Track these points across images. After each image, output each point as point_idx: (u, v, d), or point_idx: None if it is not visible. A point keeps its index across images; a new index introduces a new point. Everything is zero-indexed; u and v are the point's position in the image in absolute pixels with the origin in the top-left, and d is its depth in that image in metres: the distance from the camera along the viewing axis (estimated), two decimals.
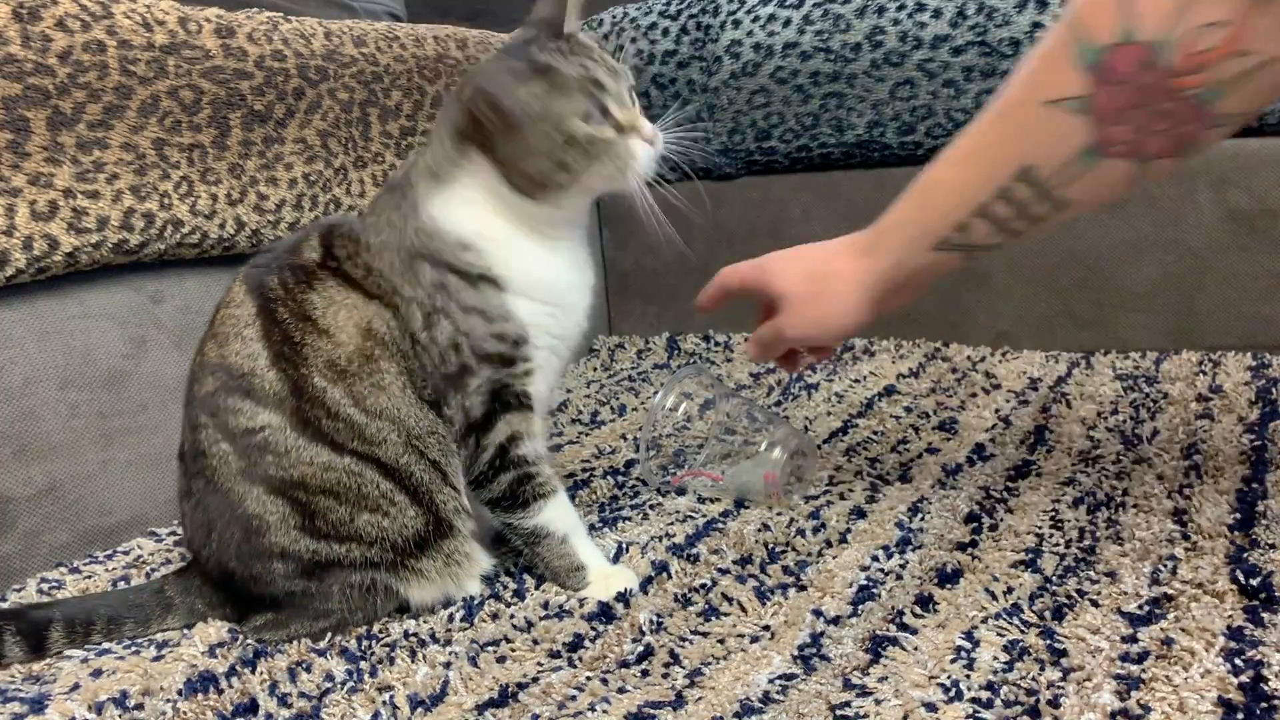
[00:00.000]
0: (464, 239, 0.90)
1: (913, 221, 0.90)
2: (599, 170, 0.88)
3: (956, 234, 0.88)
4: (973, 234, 0.87)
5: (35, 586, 1.03)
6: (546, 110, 0.86)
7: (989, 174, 0.84)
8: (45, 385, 1.09)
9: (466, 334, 0.90)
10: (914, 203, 0.91)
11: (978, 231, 0.87)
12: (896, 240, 0.92)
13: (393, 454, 0.89)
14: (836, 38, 1.64)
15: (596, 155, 0.88)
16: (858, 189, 1.71)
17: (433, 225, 0.91)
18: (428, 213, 0.91)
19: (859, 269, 0.93)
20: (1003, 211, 0.84)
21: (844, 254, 0.95)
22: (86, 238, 1.09)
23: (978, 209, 0.85)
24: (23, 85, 1.04)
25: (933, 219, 0.89)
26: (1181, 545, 0.89)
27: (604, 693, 0.75)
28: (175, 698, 0.78)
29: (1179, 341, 1.52)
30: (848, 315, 0.95)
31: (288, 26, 1.35)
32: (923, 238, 0.90)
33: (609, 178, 0.89)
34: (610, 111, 0.88)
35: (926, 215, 0.89)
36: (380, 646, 0.85)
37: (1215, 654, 0.71)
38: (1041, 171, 0.81)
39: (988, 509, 1.01)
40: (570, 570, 0.94)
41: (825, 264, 0.96)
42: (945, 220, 0.88)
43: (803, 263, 0.98)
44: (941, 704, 0.69)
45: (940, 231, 0.88)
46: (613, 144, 0.88)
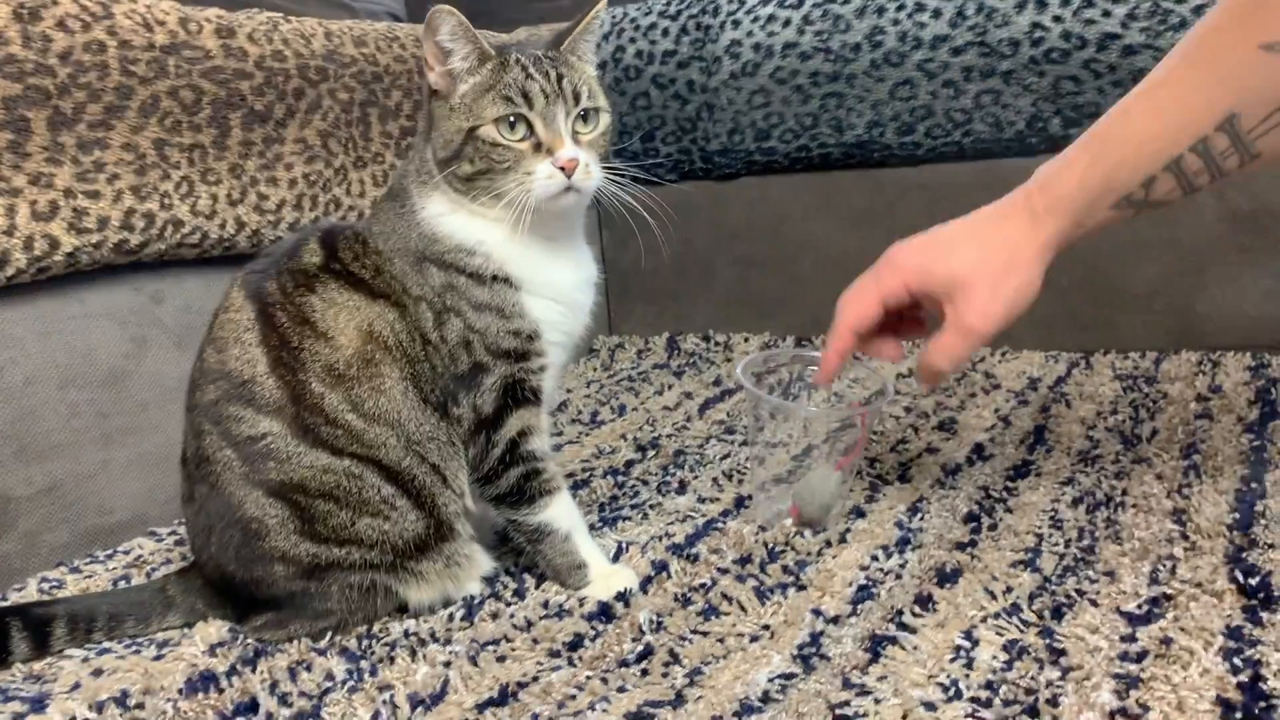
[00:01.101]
0: (466, 245, 0.91)
1: (1096, 177, 0.83)
2: (504, 182, 0.88)
3: (1141, 190, 0.81)
4: (1156, 189, 0.81)
5: (36, 586, 1.03)
6: (467, 100, 0.89)
7: (1190, 123, 0.77)
8: (46, 385, 1.09)
9: (481, 332, 0.91)
10: (1094, 158, 0.83)
11: (1162, 187, 0.81)
12: (1078, 199, 0.84)
13: (394, 457, 0.89)
14: (836, 38, 1.64)
15: (499, 164, 0.88)
16: (857, 189, 1.71)
17: (432, 231, 0.92)
18: (425, 218, 0.92)
19: (1038, 233, 0.86)
20: (1193, 165, 0.79)
21: (1014, 220, 0.87)
22: (87, 238, 1.09)
23: (1171, 161, 0.79)
24: (23, 85, 1.04)
25: (1120, 174, 0.82)
26: (1180, 545, 0.89)
27: (604, 692, 0.75)
28: (176, 697, 0.78)
29: (1179, 342, 1.52)
30: (1035, 284, 0.87)
31: (288, 27, 1.35)
32: (1106, 194, 0.83)
33: (514, 195, 0.88)
34: (534, 128, 0.88)
35: (1112, 170, 0.82)
36: (380, 646, 0.86)
37: (1214, 653, 0.71)
38: (1244, 121, 0.75)
39: (987, 509, 1.01)
40: (572, 568, 0.94)
41: (1001, 236, 0.87)
42: (1135, 175, 0.81)
43: (971, 242, 0.89)
44: (941, 703, 0.69)
45: (1127, 187, 0.82)
46: (519, 158, 0.88)
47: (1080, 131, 0.86)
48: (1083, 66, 1.47)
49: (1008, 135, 1.56)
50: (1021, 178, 0.89)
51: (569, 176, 0.88)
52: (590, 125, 0.92)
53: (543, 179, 0.87)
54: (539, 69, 0.89)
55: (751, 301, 1.84)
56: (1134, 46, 1.43)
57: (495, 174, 0.88)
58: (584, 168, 0.88)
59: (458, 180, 0.90)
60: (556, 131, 0.88)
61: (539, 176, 0.87)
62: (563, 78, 0.89)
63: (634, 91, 1.84)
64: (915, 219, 1.67)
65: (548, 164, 0.88)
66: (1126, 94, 0.83)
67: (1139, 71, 1.43)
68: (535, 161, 0.88)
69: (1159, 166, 0.80)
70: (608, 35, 1.87)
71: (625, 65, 1.84)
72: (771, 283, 1.81)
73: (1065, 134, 1.52)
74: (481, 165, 0.88)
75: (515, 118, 0.88)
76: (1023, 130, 1.55)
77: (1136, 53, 1.43)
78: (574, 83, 0.90)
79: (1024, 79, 1.52)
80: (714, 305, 1.89)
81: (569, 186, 0.88)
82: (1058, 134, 1.53)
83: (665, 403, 1.54)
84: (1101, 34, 1.45)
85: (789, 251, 1.77)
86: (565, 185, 0.88)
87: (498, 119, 0.87)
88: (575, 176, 0.88)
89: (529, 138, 0.88)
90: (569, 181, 0.88)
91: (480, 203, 0.90)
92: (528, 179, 0.88)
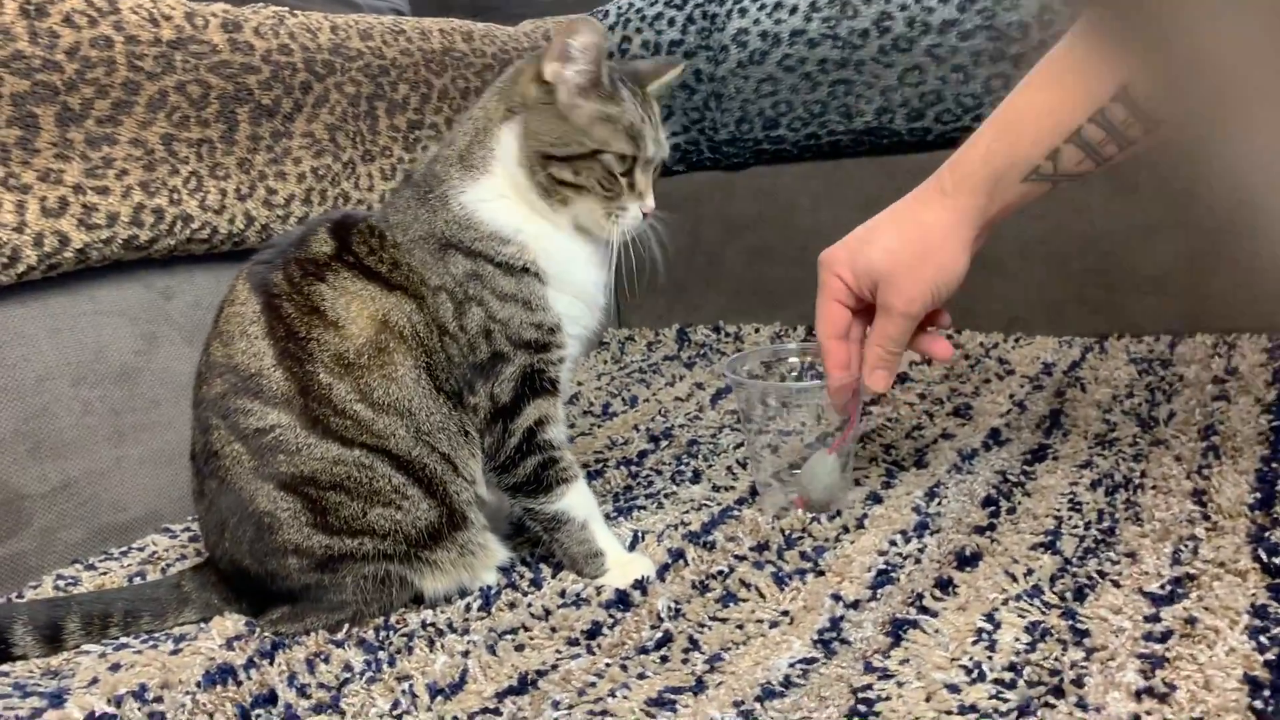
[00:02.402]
0: (502, 233, 0.92)
1: (1000, 154, 0.85)
2: (595, 207, 0.93)
3: (1047, 162, 0.83)
4: (1064, 162, 0.83)
5: (51, 584, 1.03)
6: (583, 118, 0.91)
7: (1086, 95, 0.80)
8: (58, 382, 1.09)
9: (504, 322, 0.91)
10: (998, 133, 0.86)
11: (1069, 159, 0.83)
12: (982, 175, 0.86)
13: (404, 447, 0.89)
14: (844, 24, 1.63)
15: (603, 192, 0.92)
16: (867, 176, 1.70)
17: (466, 217, 0.92)
18: (460, 204, 0.93)
19: (950, 212, 0.88)
20: (1095, 135, 0.81)
21: (928, 203, 0.90)
22: (97, 234, 1.09)
23: (1072, 133, 0.81)
24: (31, 82, 1.04)
25: (1022, 148, 0.84)
26: (1202, 525, 0.88)
27: (624, 679, 0.75)
28: (194, 690, 0.77)
29: (1193, 324, 1.51)
30: (956, 262, 0.89)
31: (294, 21, 1.35)
32: (1012, 169, 0.85)
33: (597, 219, 0.94)
34: (634, 170, 0.93)
35: (1015, 145, 0.84)
36: (398, 637, 0.85)
37: (1240, 632, 0.70)
38: (1137, 91, 0.77)
39: (1005, 493, 1.01)
40: (588, 557, 0.93)
41: (913, 221, 0.90)
42: (1036, 148, 0.83)
43: (890, 230, 0.92)
44: (964, 685, 0.69)
45: (1031, 160, 0.84)
46: (621, 193, 0.93)
47: None
48: None
49: None
50: None
51: (646, 219, 0.95)
52: (657, 174, 0.98)
53: (632, 219, 0.94)
54: (648, 113, 0.94)
55: (762, 292, 1.84)
56: None
57: (590, 195, 0.92)
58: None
59: (547, 178, 0.92)
60: (649, 179, 0.95)
61: (629, 216, 0.94)
62: (658, 127, 0.95)
63: None
64: None
65: (637, 207, 0.94)
66: None
67: None
68: (629, 200, 0.94)
69: (1060, 139, 0.82)
70: (613, 26, 1.86)
71: (631, 56, 1.83)
72: (782, 272, 1.80)
73: None
74: (585, 183, 0.92)
75: (628, 157, 0.92)
76: None
77: None
78: (659, 140, 0.96)
79: (1034, 62, 1.50)
80: (724, 296, 1.88)
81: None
82: None
83: (677, 393, 1.53)
84: None
85: (799, 241, 1.77)
86: (641, 227, 0.95)
87: (622, 154, 0.92)
88: (645, 221, 0.95)
89: (628, 176, 0.93)
90: (645, 224, 0.95)
91: (549, 203, 0.93)
92: (621, 214, 0.93)
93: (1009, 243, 1.62)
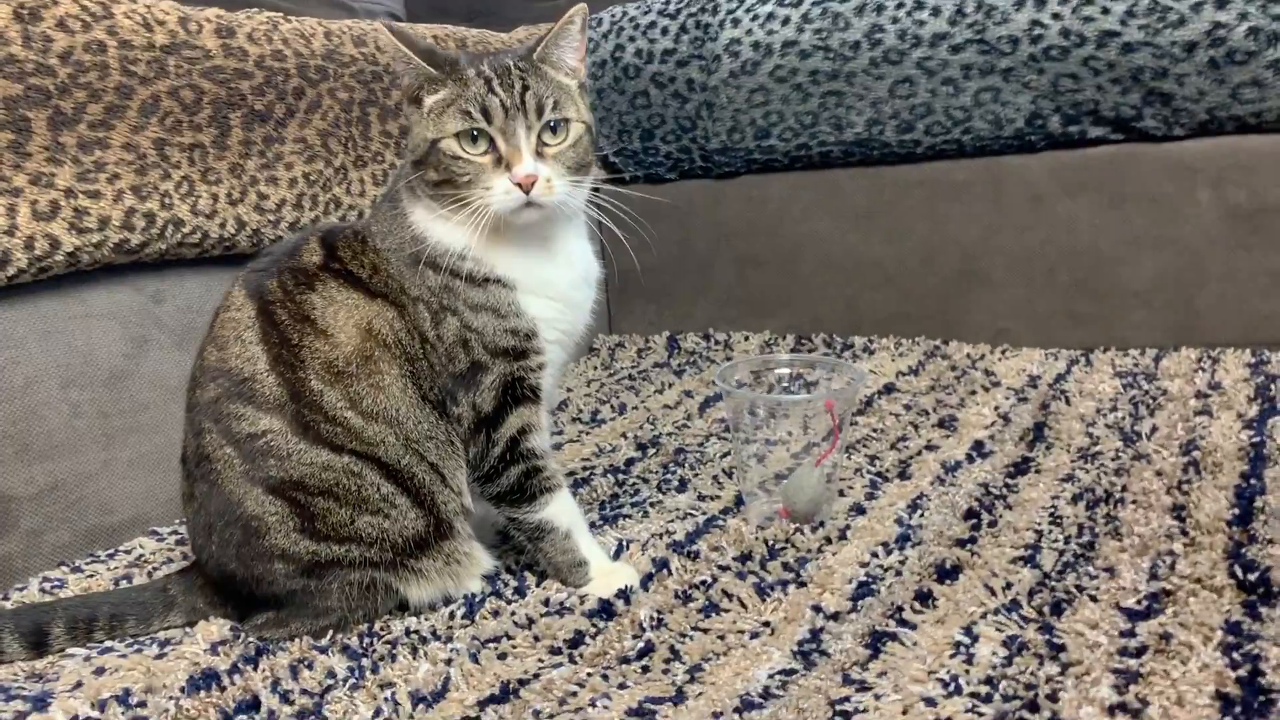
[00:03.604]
0: (457, 250, 0.91)
1: None
2: (466, 192, 0.88)
3: None
4: None
5: (37, 586, 1.03)
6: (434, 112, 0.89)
7: None
8: (47, 385, 1.09)
9: (478, 331, 0.91)
10: None
11: None
12: None
13: (393, 455, 0.89)
14: (835, 36, 1.64)
15: (459, 176, 0.88)
16: (857, 187, 1.71)
17: (421, 235, 0.92)
18: (412, 222, 0.93)
19: None
20: None
21: None
22: (88, 237, 1.09)
23: None
24: (24, 85, 1.04)
25: None
26: (1180, 540, 0.89)
27: (605, 689, 0.76)
28: (178, 695, 0.78)
29: (1178, 338, 1.52)
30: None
31: (288, 26, 1.35)
32: None
33: (475, 204, 0.88)
34: (495, 143, 0.88)
35: None
36: (382, 644, 0.86)
37: (1213, 648, 0.71)
38: None
39: (987, 505, 1.02)
40: (573, 566, 0.94)
41: None
42: None
43: None
44: (941, 698, 0.70)
45: None
46: (479, 172, 0.88)
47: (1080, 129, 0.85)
48: (1082, 64, 1.47)
49: (1007, 133, 1.56)
50: (1021, 175, 0.89)
51: (527, 192, 0.87)
52: (559, 137, 0.91)
53: (499, 194, 0.88)
54: (504, 83, 0.88)
55: (751, 300, 1.85)
56: (1133, 44, 1.43)
57: (458, 185, 0.89)
58: (544, 183, 0.88)
59: (425, 186, 0.91)
60: (516, 146, 0.88)
61: (496, 192, 0.88)
62: (527, 89, 0.88)
63: (633, 90, 1.84)
64: (914, 217, 1.69)
65: (505, 179, 0.87)
66: None
67: (1137, 69, 1.44)
68: (494, 176, 0.88)
69: None
70: (606, 34, 1.87)
71: (625, 64, 1.84)
72: (771, 281, 1.81)
73: (1064, 131, 1.52)
74: (444, 175, 0.89)
75: (476, 132, 0.88)
76: (1022, 128, 1.55)
77: (1135, 50, 1.43)
78: (539, 95, 0.89)
79: (1023, 76, 1.52)
80: (714, 304, 1.89)
81: (528, 202, 0.88)
82: (1057, 131, 1.53)
83: (665, 401, 1.54)
84: (1100, 31, 1.45)
85: (789, 250, 1.78)
86: (523, 201, 0.88)
87: (458, 133, 0.88)
88: (534, 192, 0.87)
89: (491, 152, 0.88)
90: (527, 197, 0.87)
91: (448, 209, 0.90)
92: (486, 193, 0.88)
93: (996, 255, 1.63)
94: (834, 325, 1.75)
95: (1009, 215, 1.61)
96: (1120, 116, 1.49)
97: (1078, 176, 1.55)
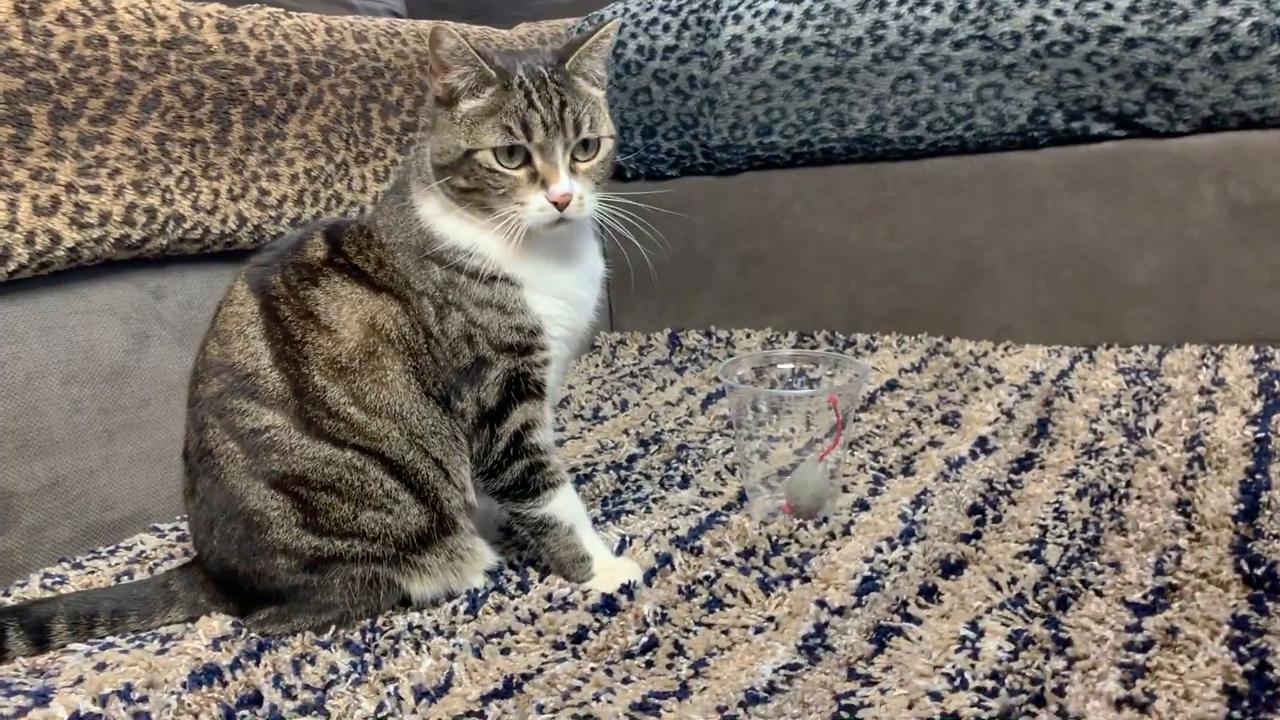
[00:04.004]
0: (463, 246, 0.91)
1: None
2: (499, 206, 0.88)
3: None
4: None
5: (38, 582, 1.02)
6: (468, 120, 0.88)
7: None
8: (48, 381, 1.09)
9: (483, 327, 0.90)
10: None
11: None
12: None
13: (397, 451, 0.89)
14: (838, 32, 1.64)
15: (494, 189, 0.88)
16: (859, 184, 1.70)
17: (429, 230, 0.92)
18: (419, 217, 0.92)
19: None
20: None
21: None
22: (89, 233, 1.09)
23: None
24: (25, 80, 1.04)
25: None
26: (1185, 536, 0.89)
27: (608, 683, 0.75)
28: (180, 690, 0.78)
29: (1181, 335, 1.52)
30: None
31: (289, 22, 1.35)
32: None
33: (506, 216, 0.88)
34: (532, 159, 0.87)
35: None
36: (384, 639, 0.85)
37: (1220, 642, 0.71)
38: None
39: (991, 501, 1.01)
40: (575, 561, 0.94)
41: None
42: None
43: None
44: (947, 692, 0.69)
45: None
46: (514, 186, 0.88)
47: (1082, 126, 0.84)
48: (1085, 60, 1.46)
49: (1010, 129, 1.56)
50: (1023, 172, 0.89)
51: (561, 209, 0.87)
52: (591, 153, 0.91)
53: (534, 210, 0.88)
54: (542, 96, 0.87)
55: (753, 297, 1.84)
56: (1136, 40, 1.43)
57: (488, 195, 0.88)
58: (577, 200, 0.88)
59: (451, 190, 0.90)
60: (554, 164, 0.88)
61: (531, 208, 0.88)
62: (565, 105, 0.88)
63: (635, 87, 1.84)
64: (917, 213, 1.69)
65: (541, 197, 0.87)
66: None
67: (1141, 65, 1.43)
68: (530, 192, 0.88)
69: None
70: None
71: (626, 61, 1.84)
72: (773, 278, 1.80)
73: (1067, 128, 1.52)
74: (476, 185, 0.88)
75: (513, 147, 0.87)
76: (1025, 124, 1.54)
77: (1138, 46, 1.43)
78: (576, 112, 0.88)
79: (1026, 72, 1.51)
80: (716, 301, 1.88)
81: (560, 219, 0.88)
82: (1059, 128, 1.52)
83: (667, 398, 1.53)
84: (1103, 27, 1.44)
85: (791, 246, 1.77)
86: (557, 217, 0.88)
87: (496, 148, 0.87)
88: (568, 210, 0.88)
89: (526, 166, 0.88)
90: (560, 215, 0.88)
91: (474, 215, 0.90)
92: (521, 208, 0.88)
93: (999, 252, 1.63)
94: (836, 322, 1.75)
95: (1012, 212, 1.60)
96: (1123, 113, 1.48)
97: (1080, 173, 1.55)
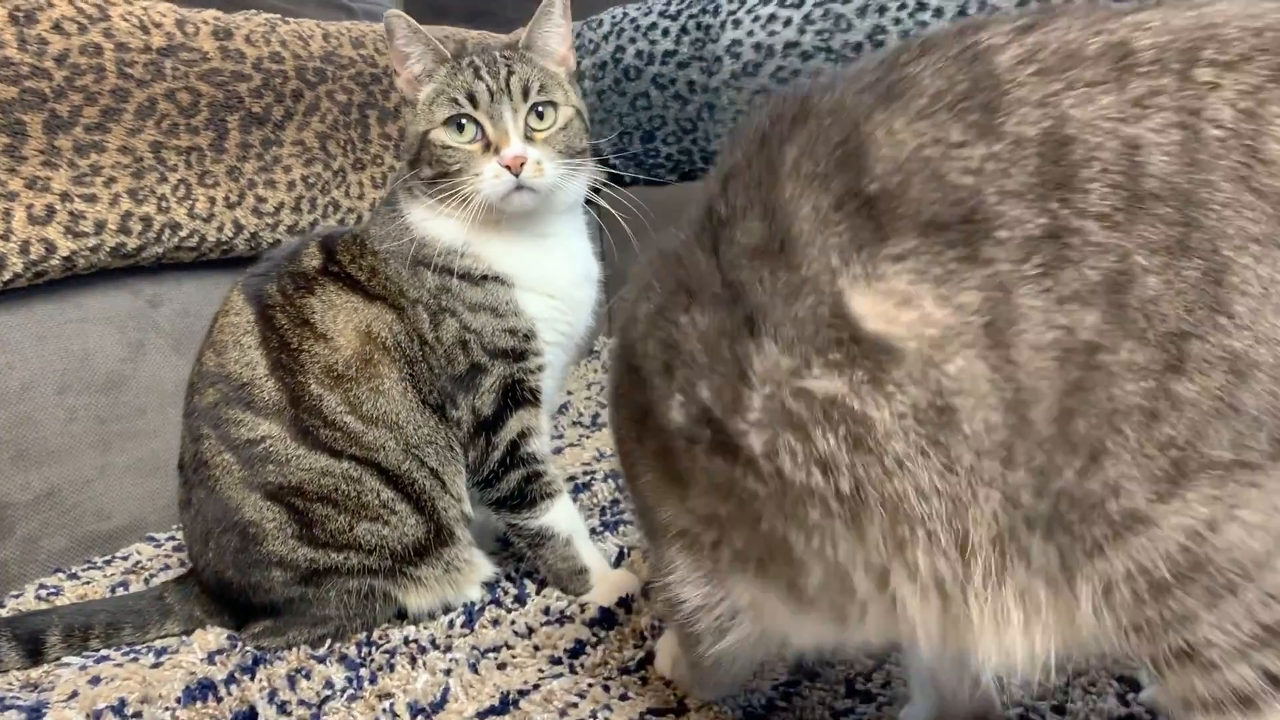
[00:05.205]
0: (453, 247, 0.91)
1: None
2: (459, 182, 0.88)
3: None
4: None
5: (34, 593, 1.02)
6: (425, 105, 0.91)
7: None
8: (43, 390, 1.09)
9: (477, 331, 0.90)
10: None
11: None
12: None
13: (393, 461, 0.88)
14: (838, 37, 1.63)
15: (450, 165, 0.89)
16: None
17: (419, 235, 0.92)
18: (412, 223, 0.92)
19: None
20: None
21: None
22: (84, 241, 1.08)
23: None
24: (19, 88, 1.03)
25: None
26: None
27: (606, 700, 0.75)
28: (174, 705, 0.77)
29: None
30: None
31: (286, 28, 1.35)
32: None
33: (467, 192, 0.88)
34: (483, 129, 0.88)
35: None
36: (380, 653, 0.85)
37: None
38: None
39: None
40: (573, 573, 0.93)
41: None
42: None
43: None
44: None
45: None
46: (468, 159, 0.89)
47: None
48: None
49: None
50: None
51: (516, 175, 0.87)
52: (547, 121, 0.91)
53: (489, 179, 0.87)
54: (490, 69, 0.89)
55: None
56: None
57: (450, 175, 0.89)
58: (534, 165, 0.87)
59: (422, 183, 0.91)
60: (504, 130, 0.88)
61: (486, 177, 0.87)
62: (512, 74, 0.89)
63: (634, 92, 1.83)
64: None
65: (494, 163, 0.87)
66: None
67: None
68: (484, 162, 0.88)
69: None
70: (607, 35, 1.86)
71: (625, 65, 1.83)
72: None
73: None
74: (437, 168, 0.89)
75: (464, 119, 0.88)
76: None
77: None
78: (524, 79, 0.89)
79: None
80: None
81: (519, 185, 0.87)
82: None
83: None
84: None
85: None
86: (514, 184, 0.87)
87: (446, 121, 0.89)
88: (524, 174, 0.87)
89: (479, 139, 0.89)
90: (517, 180, 0.87)
91: (447, 205, 0.90)
92: (476, 179, 0.88)
93: None
94: None
95: None
96: None
97: None
